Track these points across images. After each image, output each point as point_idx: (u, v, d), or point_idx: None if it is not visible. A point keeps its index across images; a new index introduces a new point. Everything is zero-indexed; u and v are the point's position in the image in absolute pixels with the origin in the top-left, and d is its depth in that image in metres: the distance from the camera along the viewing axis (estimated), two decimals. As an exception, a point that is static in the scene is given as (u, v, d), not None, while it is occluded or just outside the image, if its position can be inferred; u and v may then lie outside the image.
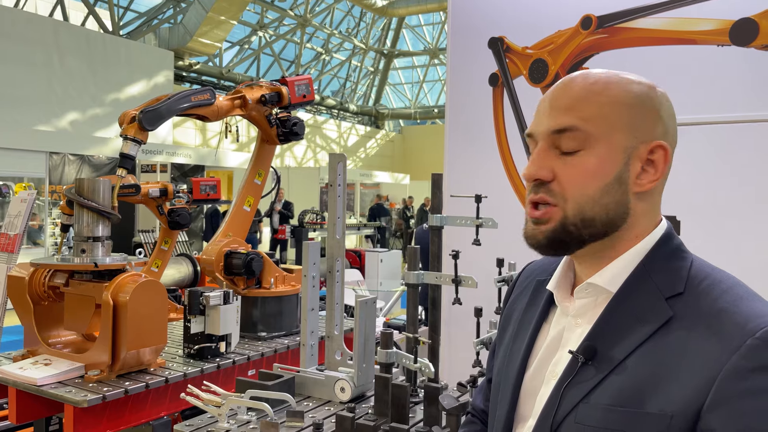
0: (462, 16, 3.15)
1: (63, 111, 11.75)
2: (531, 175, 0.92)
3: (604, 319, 0.90)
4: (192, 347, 2.70)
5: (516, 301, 1.12)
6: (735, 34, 2.55)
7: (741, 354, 0.78)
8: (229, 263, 3.11)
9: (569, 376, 0.89)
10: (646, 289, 0.89)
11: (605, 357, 0.87)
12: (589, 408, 0.85)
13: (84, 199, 2.52)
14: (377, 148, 26.43)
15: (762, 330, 0.78)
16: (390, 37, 26.59)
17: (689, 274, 0.89)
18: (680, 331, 0.83)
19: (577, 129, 0.90)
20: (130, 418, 2.37)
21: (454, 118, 3.14)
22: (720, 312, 0.83)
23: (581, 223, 0.90)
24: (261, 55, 21.86)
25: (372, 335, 2.22)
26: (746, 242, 2.46)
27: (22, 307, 2.60)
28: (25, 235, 8.84)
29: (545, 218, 0.91)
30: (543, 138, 0.93)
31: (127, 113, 2.84)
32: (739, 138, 2.55)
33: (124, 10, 16.87)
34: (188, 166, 11.62)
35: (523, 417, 0.98)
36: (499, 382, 1.04)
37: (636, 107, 0.91)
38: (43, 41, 11.42)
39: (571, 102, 0.91)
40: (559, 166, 0.91)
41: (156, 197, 3.66)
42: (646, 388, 0.82)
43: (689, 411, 0.79)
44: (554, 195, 0.91)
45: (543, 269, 1.10)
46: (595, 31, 2.80)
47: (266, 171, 3.61)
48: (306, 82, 3.57)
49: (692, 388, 0.79)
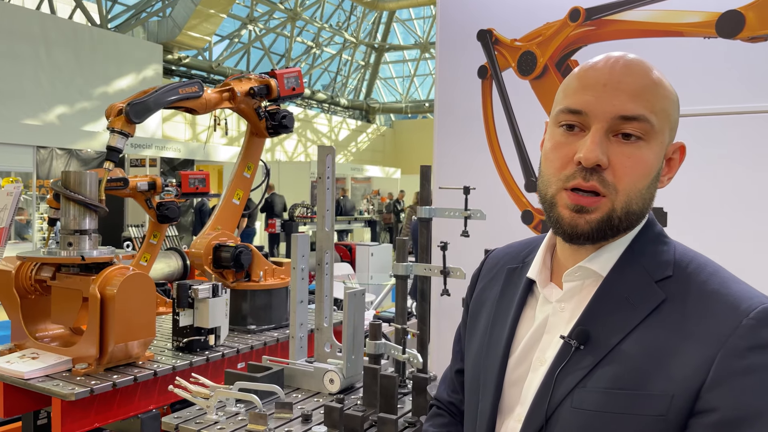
0: (451, 9, 3.15)
1: (50, 105, 11.66)
2: (594, 160, 0.86)
3: (595, 303, 0.90)
4: (181, 340, 2.69)
5: (485, 291, 1.10)
6: (721, 26, 2.57)
7: (738, 334, 0.80)
8: (218, 256, 3.10)
9: (562, 362, 0.89)
10: (635, 272, 0.90)
11: (600, 341, 0.87)
12: (586, 392, 0.85)
13: (71, 192, 2.50)
14: (368, 142, 26.41)
15: (755, 310, 0.81)
16: (381, 30, 26.54)
17: (675, 257, 0.91)
18: (674, 313, 0.85)
19: (645, 120, 0.87)
20: (119, 412, 2.36)
21: (443, 111, 3.15)
22: (712, 294, 0.85)
23: (624, 217, 0.89)
24: (251, 49, 21.76)
25: (361, 327, 2.22)
26: (732, 233, 2.48)
27: (9, 301, 2.58)
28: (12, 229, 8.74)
29: (592, 207, 0.88)
30: (603, 120, 0.87)
31: (114, 106, 2.82)
32: (726, 130, 2.56)
33: (112, 2, 16.73)
34: (178, 160, 11.57)
35: (508, 406, 0.97)
36: (478, 373, 1.02)
37: (676, 105, 0.93)
38: (30, 34, 11.31)
39: (640, 90, 0.88)
40: (616, 154, 0.87)
41: (144, 191, 3.64)
42: (645, 370, 0.83)
43: (689, 391, 0.80)
44: (606, 185, 0.87)
45: (511, 257, 1.09)
46: (584, 24, 2.80)
47: (255, 164, 3.60)
48: (295, 74, 3.56)
49: (691, 368, 0.81)
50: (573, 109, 0.90)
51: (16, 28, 11.07)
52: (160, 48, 14.84)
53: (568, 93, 0.92)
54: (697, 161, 2.56)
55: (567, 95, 0.92)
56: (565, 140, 0.91)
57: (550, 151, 0.93)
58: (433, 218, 2.36)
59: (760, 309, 0.81)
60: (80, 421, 2.23)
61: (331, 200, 2.52)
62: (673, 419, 0.81)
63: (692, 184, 2.53)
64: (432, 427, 1.17)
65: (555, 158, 0.91)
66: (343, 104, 25.73)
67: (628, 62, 0.91)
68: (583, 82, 0.91)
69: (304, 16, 21.96)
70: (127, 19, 16.98)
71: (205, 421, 1.88)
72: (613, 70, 0.89)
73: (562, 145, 0.91)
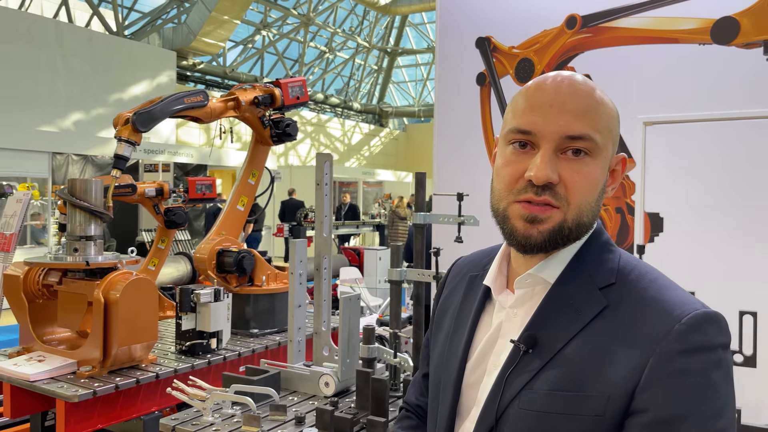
0: (450, 16, 3.19)
1: (66, 111, 11.85)
2: (545, 179, 0.90)
3: (542, 309, 0.95)
4: (183, 344, 2.75)
5: (449, 298, 1.15)
6: (716, 33, 2.58)
7: (670, 338, 0.84)
8: (221, 261, 3.16)
9: (511, 365, 0.93)
10: (581, 280, 0.94)
11: (546, 345, 0.91)
12: (532, 394, 0.89)
13: (76, 199, 2.58)
14: (381, 146, 26.46)
15: (687, 316, 0.85)
16: (393, 35, 26.60)
17: (619, 266, 0.95)
18: (615, 319, 0.89)
19: (590, 138, 0.91)
20: (122, 413, 2.43)
21: (442, 117, 3.18)
22: (649, 300, 0.89)
23: (575, 227, 0.94)
24: (264, 54, 21.91)
25: (356, 331, 2.26)
26: (728, 239, 2.49)
27: (18, 305, 2.66)
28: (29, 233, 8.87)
29: (544, 217, 0.92)
30: (551, 140, 0.91)
31: (121, 115, 2.90)
32: (721, 136, 2.57)
33: (128, 10, 16.96)
34: (191, 165, 11.69)
35: (466, 408, 1.01)
36: (439, 377, 1.07)
37: (617, 120, 0.98)
38: (47, 42, 11.51)
39: (584, 109, 0.92)
40: (565, 170, 0.92)
41: (152, 197, 3.72)
42: (585, 373, 0.87)
43: (625, 392, 0.84)
44: (559, 198, 0.92)
45: (473, 264, 1.14)
46: (580, 31, 2.82)
47: (260, 171, 3.66)
48: (300, 84, 3.62)
49: (627, 370, 0.85)
50: (522, 130, 0.94)
51: (33, 36, 11.28)
52: (173, 54, 15.01)
53: (516, 113, 0.96)
54: (692, 167, 2.58)
55: (516, 115, 0.96)
56: (516, 158, 0.95)
57: (501, 168, 0.97)
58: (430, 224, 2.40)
59: (691, 315, 0.85)
60: (83, 422, 2.29)
61: (330, 206, 2.56)
62: (610, 419, 0.84)
63: (687, 190, 2.55)
64: (400, 429, 1.22)
65: (506, 174, 0.95)
66: (356, 108, 25.82)
67: (572, 83, 0.95)
68: (531, 102, 0.95)
69: (317, 21, 22.08)
70: (143, 26, 17.21)
71: (201, 422, 1.93)
72: (558, 91, 0.93)
73: (513, 163, 0.95)
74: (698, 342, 0.84)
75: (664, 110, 2.58)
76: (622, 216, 2.67)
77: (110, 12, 15.58)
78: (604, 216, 2.69)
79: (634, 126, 2.59)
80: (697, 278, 2.40)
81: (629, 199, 2.66)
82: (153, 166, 10.89)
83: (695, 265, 2.43)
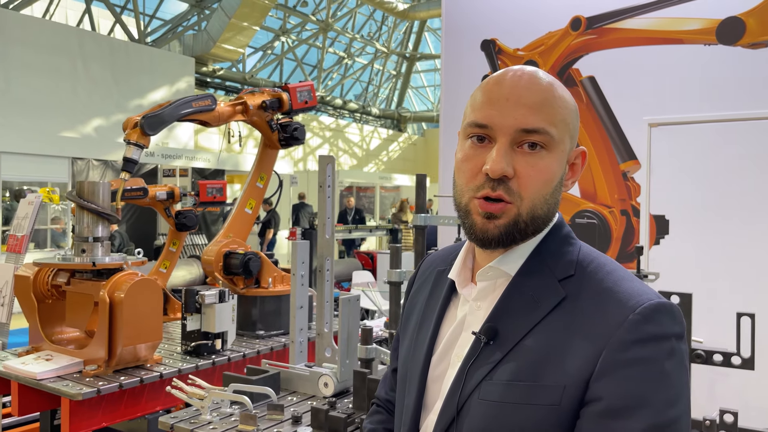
0: (455, 19, 3.20)
1: (87, 117, 12.06)
2: (500, 172, 0.91)
3: (503, 301, 0.96)
4: (188, 344, 2.78)
5: (418, 293, 1.15)
6: (722, 33, 2.55)
7: (624, 328, 0.85)
8: (228, 263, 3.19)
9: (473, 357, 0.94)
10: (540, 272, 0.96)
11: (506, 336, 0.92)
12: (491, 385, 0.90)
13: (84, 201, 2.62)
14: (399, 151, 26.48)
15: (641, 306, 0.86)
16: (412, 40, 26.63)
17: (578, 258, 0.96)
18: (573, 310, 0.90)
19: (545, 132, 0.92)
20: (126, 412, 2.46)
21: (448, 119, 3.20)
22: (605, 291, 0.90)
23: (530, 221, 0.95)
24: (284, 60, 22.08)
25: (355, 332, 2.27)
26: (734, 239, 2.46)
27: (27, 305, 2.71)
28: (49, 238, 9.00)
29: (499, 213, 0.94)
30: (507, 133, 0.93)
31: (131, 119, 2.95)
32: (727, 136, 2.54)
33: (150, 18, 17.22)
34: (208, 170, 11.82)
35: (431, 401, 1.01)
36: (406, 372, 1.07)
37: (575, 113, 0.99)
38: (68, 50, 11.74)
39: (539, 103, 0.93)
40: (520, 164, 0.93)
41: (163, 200, 3.77)
42: (542, 363, 0.88)
43: (579, 381, 0.85)
44: (512, 193, 0.93)
45: (441, 260, 1.15)
46: (585, 32, 2.81)
47: (268, 175, 3.69)
48: (308, 88, 3.65)
49: (583, 360, 0.86)
50: (479, 123, 0.95)
51: (55, 44, 11.52)
52: (192, 61, 15.20)
53: (475, 107, 0.97)
54: (697, 169, 2.55)
55: (474, 109, 0.97)
56: (474, 152, 0.96)
57: (461, 162, 0.98)
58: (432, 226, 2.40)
59: (645, 305, 0.87)
60: (88, 420, 2.32)
61: (332, 208, 2.58)
62: (567, 408, 0.85)
63: (693, 191, 2.52)
64: (370, 423, 1.22)
65: (466, 169, 0.96)
66: (374, 113, 25.89)
67: (529, 77, 0.96)
68: (488, 96, 0.96)
69: (336, 27, 22.21)
70: (164, 33, 17.46)
71: (199, 421, 1.95)
72: (514, 85, 0.94)
73: (472, 157, 0.96)
74: (651, 332, 0.85)
75: (670, 111, 2.57)
76: (628, 218, 2.65)
77: (132, 20, 15.83)
78: (610, 218, 2.67)
79: (640, 127, 2.57)
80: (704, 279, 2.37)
81: (634, 201, 2.64)
82: (171, 171, 11.03)
83: (701, 266, 2.40)
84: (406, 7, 21.70)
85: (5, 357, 2.71)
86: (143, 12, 16.48)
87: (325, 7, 21.29)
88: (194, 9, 17.34)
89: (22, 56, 11.01)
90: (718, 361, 1.73)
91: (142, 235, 10.24)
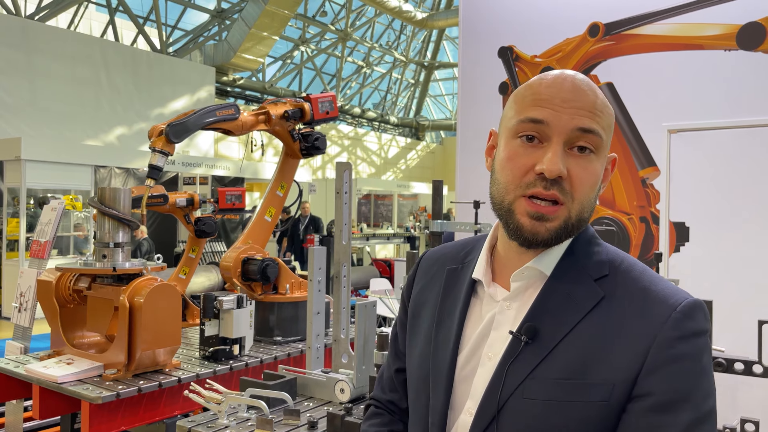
0: (472, 26, 3.21)
1: (110, 126, 12.24)
2: (558, 172, 0.92)
3: (541, 300, 0.97)
4: (207, 350, 2.80)
5: (425, 291, 1.14)
6: (742, 39, 2.52)
7: (669, 326, 0.89)
8: (246, 269, 3.21)
9: (512, 356, 0.94)
10: (576, 272, 0.97)
11: (547, 336, 0.94)
12: (536, 383, 0.92)
13: (105, 207, 2.66)
14: (418, 159, 26.48)
15: (681, 304, 0.91)
16: (430, 48, 26.68)
17: (609, 258, 0.99)
18: (613, 309, 0.93)
19: (598, 134, 0.95)
20: (144, 416, 2.48)
21: (465, 126, 3.20)
22: (641, 291, 0.94)
23: (578, 223, 0.97)
24: (303, 70, 22.25)
25: (371, 338, 2.27)
26: (755, 246, 2.42)
27: (50, 309, 2.75)
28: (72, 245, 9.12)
29: (552, 216, 0.94)
30: (562, 132, 0.93)
31: (156, 127, 2.99)
32: (748, 143, 2.50)
33: (172, 28, 17.47)
34: (228, 178, 11.92)
35: (459, 401, 1.01)
36: (426, 372, 1.05)
37: (614, 121, 1.01)
38: (92, 60, 11.94)
39: (593, 108, 0.95)
40: (573, 166, 0.94)
41: (183, 207, 3.81)
42: (589, 362, 0.90)
43: (628, 379, 0.89)
44: (565, 194, 0.94)
45: (449, 258, 1.14)
46: (603, 39, 2.80)
47: (288, 184, 3.72)
48: (329, 99, 3.68)
49: (629, 358, 0.89)
50: (535, 119, 0.94)
51: (79, 54, 11.73)
52: (212, 70, 15.37)
53: (525, 105, 0.97)
54: (717, 175, 2.52)
55: (524, 107, 0.97)
56: (524, 151, 0.95)
57: (506, 161, 0.97)
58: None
59: (685, 303, 0.91)
60: (107, 424, 2.35)
61: (349, 214, 2.59)
62: (614, 404, 0.88)
63: (713, 197, 2.49)
64: (372, 426, 1.20)
65: (513, 167, 0.96)
66: (392, 122, 25.94)
67: (581, 80, 0.98)
68: (542, 96, 0.96)
69: (355, 36, 22.33)
70: (185, 43, 17.70)
71: (216, 425, 1.97)
72: (573, 87, 0.96)
73: (521, 155, 0.96)
74: (692, 328, 0.90)
75: (689, 117, 2.54)
76: (647, 225, 2.62)
77: (155, 30, 16.07)
78: (629, 225, 2.65)
79: (659, 134, 2.55)
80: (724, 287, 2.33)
81: (654, 208, 2.61)
82: (192, 179, 11.14)
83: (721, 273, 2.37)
84: (424, 16, 21.76)
85: (27, 360, 2.76)
86: (165, 23, 16.73)
87: (344, 16, 21.43)
88: (215, 19, 17.56)
89: (47, 66, 11.22)
90: (739, 370, 1.70)
91: (162, 242, 10.34)
